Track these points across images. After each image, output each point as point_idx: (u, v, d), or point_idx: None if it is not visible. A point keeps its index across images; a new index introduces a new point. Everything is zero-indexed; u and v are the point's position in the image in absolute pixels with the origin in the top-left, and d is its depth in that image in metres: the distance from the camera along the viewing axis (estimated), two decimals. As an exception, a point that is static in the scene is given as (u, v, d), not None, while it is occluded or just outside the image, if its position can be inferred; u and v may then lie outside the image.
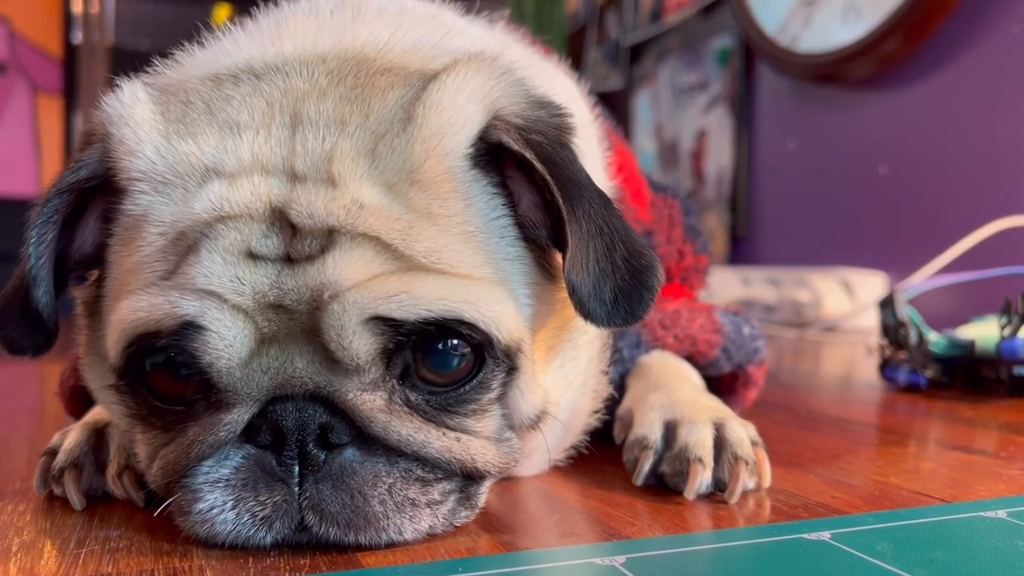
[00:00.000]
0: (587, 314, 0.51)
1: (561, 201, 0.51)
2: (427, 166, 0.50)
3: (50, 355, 0.56)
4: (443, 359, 0.50)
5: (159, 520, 0.54)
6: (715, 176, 2.88)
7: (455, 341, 0.49)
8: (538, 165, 0.51)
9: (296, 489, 0.48)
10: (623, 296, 0.51)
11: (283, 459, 0.48)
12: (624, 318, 0.52)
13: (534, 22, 3.53)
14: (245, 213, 0.48)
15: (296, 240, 0.47)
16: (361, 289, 0.46)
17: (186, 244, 0.48)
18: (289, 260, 0.47)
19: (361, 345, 0.47)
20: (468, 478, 0.52)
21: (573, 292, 0.51)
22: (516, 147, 0.51)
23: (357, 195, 0.48)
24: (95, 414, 0.64)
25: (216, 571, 0.46)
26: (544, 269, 0.55)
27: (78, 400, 0.72)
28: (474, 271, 0.50)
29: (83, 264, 0.57)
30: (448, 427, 0.50)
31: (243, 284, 0.47)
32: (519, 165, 0.53)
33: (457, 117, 0.51)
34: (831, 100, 2.38)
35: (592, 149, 0.69)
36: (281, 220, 0.48)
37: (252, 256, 0.47)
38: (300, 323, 0.47)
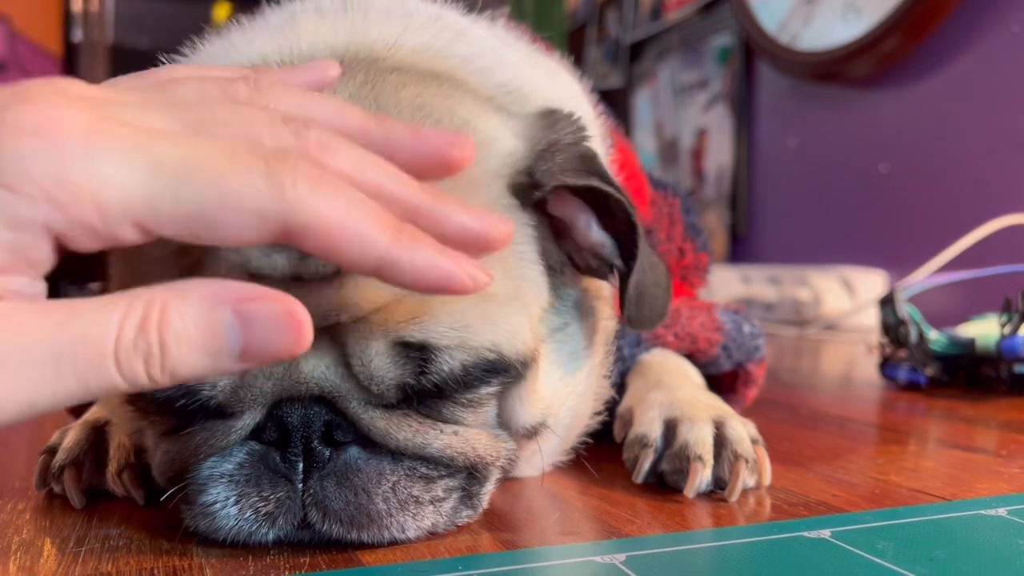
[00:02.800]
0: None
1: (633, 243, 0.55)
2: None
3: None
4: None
5: (159, 519, 0.54)
6: (715, 174, 2.88)
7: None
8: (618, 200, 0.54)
9: (300, 486, 0.48)
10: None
11: (287, 455, 0.48)
12: (652, 327, 0.58)
13: (533, 20, 3.52)
14: None
15: (307, 257, 0.45)
16: (384, 312, 0.46)
17: (189, 259, 0.47)
18: (299, 279, 0.45)
19: (380, 367, 0.46)
20: (471, 475, 0.52)
21: (629, 322, 0.57)
22: (602, 186, 0.54)
23: None
24: (94, 413, 0.64)
25: (216, 569, 0.46)
26: (553, 285, 0.56)
27: (78, 399, 0.72)
28: (491, 294, 0.49)
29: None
30: (444, 420, 0.50)
31: None
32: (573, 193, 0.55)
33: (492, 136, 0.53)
34: (831, 98, 2.38)
35: (596, 149, 0.69)
36: None
37: (256, 278, 0.45)
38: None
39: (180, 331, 0.35)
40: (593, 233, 0.56)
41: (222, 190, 0.36)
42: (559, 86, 0.69)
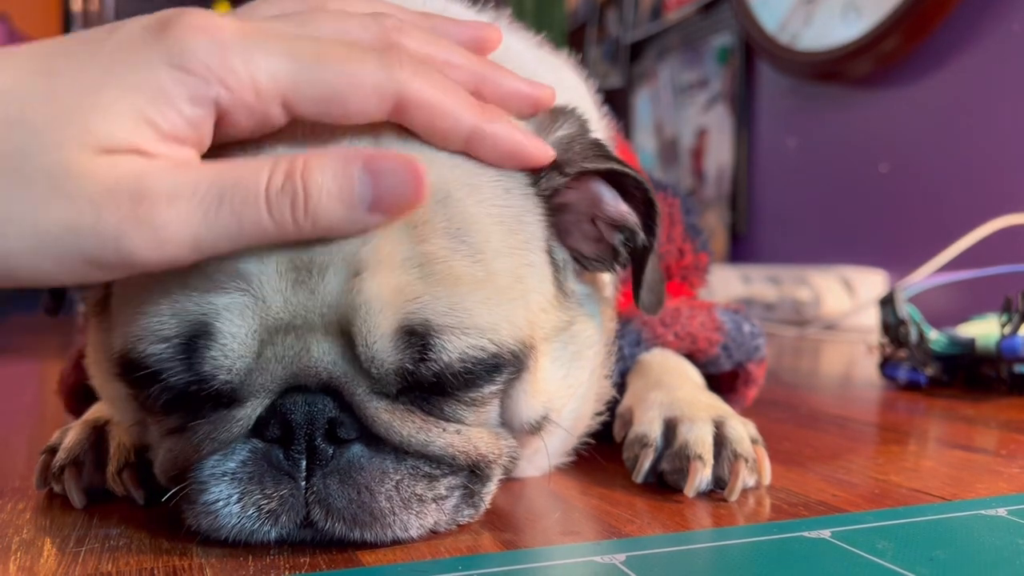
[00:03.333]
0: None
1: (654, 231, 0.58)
2: None
3: (50, 354, 0.56)
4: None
5: (159, 518, 0.54)
6: (715, 174, 2.88)
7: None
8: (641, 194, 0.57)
9: (303, 484, 0.47)
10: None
11: (291, 453, 0.47)
12: (656, 310, 0.62)
13: (533, 20, 3.53)
14: None
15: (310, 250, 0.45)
16: (389, 292, 0.46)
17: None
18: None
19: (382, 350, 0.46)
20: (473, 473, 0.52)
21: (640, 306, 0.60)
22: (621, 168, 0.56)
23: None
24: (95, 412, 0.64)
25: (216, 569, 0.46)
26: (556, 280, 0.56)
27: (78, 398, 0.72)
28: (493, 274, 0.50)
29: None
30: (447, 419, 0.50)
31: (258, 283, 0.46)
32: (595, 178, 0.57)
33: None
34: (831, 98, 2.38)
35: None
36: None
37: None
38: (320, 313, 0.46)
39: (320, 182, 0.42)
40: (622, 204, 0.58)
41: (349, 72, 0.43)
42: (563, 84, 0.69)
